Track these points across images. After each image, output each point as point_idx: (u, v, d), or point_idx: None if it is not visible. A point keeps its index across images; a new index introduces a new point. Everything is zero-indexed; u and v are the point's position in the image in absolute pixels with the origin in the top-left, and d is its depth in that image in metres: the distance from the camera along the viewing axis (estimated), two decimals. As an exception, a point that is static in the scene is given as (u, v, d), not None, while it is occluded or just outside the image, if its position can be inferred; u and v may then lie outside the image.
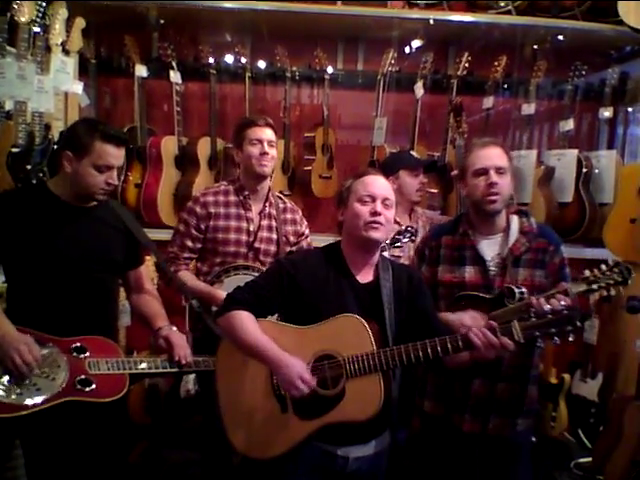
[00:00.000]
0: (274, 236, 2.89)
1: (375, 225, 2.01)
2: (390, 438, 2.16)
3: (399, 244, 2.86)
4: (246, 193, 2.88)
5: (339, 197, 2.16)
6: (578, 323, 1.86)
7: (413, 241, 2.95)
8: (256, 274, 2.70)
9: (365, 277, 2.11)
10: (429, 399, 2.49)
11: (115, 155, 2.26)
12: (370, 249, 2.09)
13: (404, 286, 2.13)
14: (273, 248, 2.88)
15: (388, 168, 3.36)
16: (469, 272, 2.36)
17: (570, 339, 1.86)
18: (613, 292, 1.98)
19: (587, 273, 1.97)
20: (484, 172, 2.31)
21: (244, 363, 2.06)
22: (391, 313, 2.05)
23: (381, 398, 1.92)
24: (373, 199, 2.04)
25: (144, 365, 2.36)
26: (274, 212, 2.93)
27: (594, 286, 1.95)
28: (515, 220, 2.40)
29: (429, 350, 1.94)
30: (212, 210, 2.82)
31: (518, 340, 1.90)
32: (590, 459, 3.40)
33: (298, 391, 1.91)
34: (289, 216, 2.98)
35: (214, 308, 2.62)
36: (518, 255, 2.32)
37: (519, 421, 2.38)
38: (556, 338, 1.87)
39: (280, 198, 3.04)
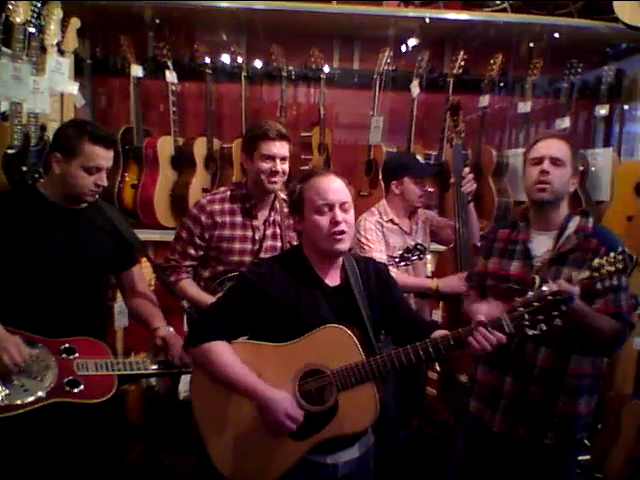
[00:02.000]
0: (278, 244, 2.84)
1: (339, 237, 1.93)
2: (374, 436, 2.12)
3: (408, 262, 2.79)
4: (253, 202, 2.79)
5: (292, 203, 2.05)
6: (563, 307, 1.84)
7: (421, 259, 2.86)
8: None
9: (333, 280, 2.03)
10: (475, 399, 2.47)
11: (104, 156, 2.25)
12: (335, 257, 2.03)
13: (373, 282, 2.07)
14: None
15: (392, 172, 3.32)
16: (515, 266, 2.35)
17: (557, 323, 1.86)
18: (615, 281, 1.96)
19: (596, 261, 1.93)
20: (539, 161, 2.29)
21: (222, 394, 1.94)
22: (367, 313, 1.99)
23: (377, 407, 1.88)
24: (331, 207, 1.93)
25: (133, 366, 2.35)
26: (279, 219, 2.87)
27: (595, 273, 1.91)
28: (576, 220, 2.32)
29: (421, 353, 1.88)
30: (218, 219, 2.74)
31: (509, 332, 1.87)
32: (588, 457, 3.40)
33: (285, 428, 1.84)
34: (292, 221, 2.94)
35: None
36: (564, 252, 2.25)
37: (548, 434, 2.28)
38: (543, 325, 1.84)
39: (285, 201, 2.93)
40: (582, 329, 2.13)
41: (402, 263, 2.78)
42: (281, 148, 2.70)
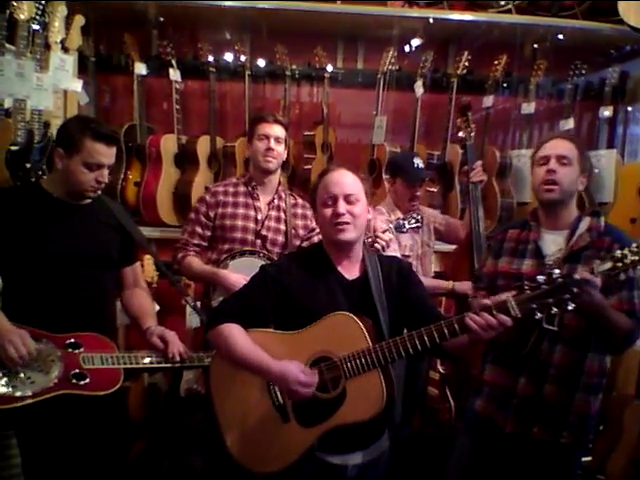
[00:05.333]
0: (282, 227, 2.96)
1: (340, 227, 1.97)
2: (389, 442, 2.12)
3: (404, 229, 2.81)
4: (254, 184, 2.98)
5: (311, 200, 2.14)
6: (575, 289, 1.76)
7: (419, 227, 2.91)
8: (262, 259, 2.79)
9: (352, 273, 2.06)
10: (482, 398, 2.43)
11: (106, 154, 2.25)
12: (346, 248, 2.05)
13: (394, 278, 2.08)
14: (281, 238, 2.94)
15: (389, 170, 3.43)
16: (527, 264, 2.32)
17: (569, 308, 1.77)
18: (632, 274, 1.90)
19: (618, 252, 1.88)
20: (546, 161, 2.28)
21: (237, 377, 2.01)
22: (383, 306, 2.00)
23: (384, 394, 1.86)
24: (334, 200, 1.99)
25: (139, 360, 2.36)
26: (284, 205, 3.00)
27: (619, 264, 1.86)
28: (587, 220, 2.30)
29: (426, 338, 1.86)
30: (221, 198, 2.94)
31: (515, 315, 1.80)
32: (590, 458, 3.40)
33: (301, 395, 1.86)
34: (300, 211, 3.05)
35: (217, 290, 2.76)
36: (577, 250, 2.23)
37: (564, 433, 2.25)
38: (555, 309, 1.77)
39: (292, 195, 3.11)
40: (599, 324, 2.09)
41: (399, 229, 2.81)
42: (275, 129, 2.94)
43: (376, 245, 2.69)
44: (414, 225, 2.80)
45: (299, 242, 2.99)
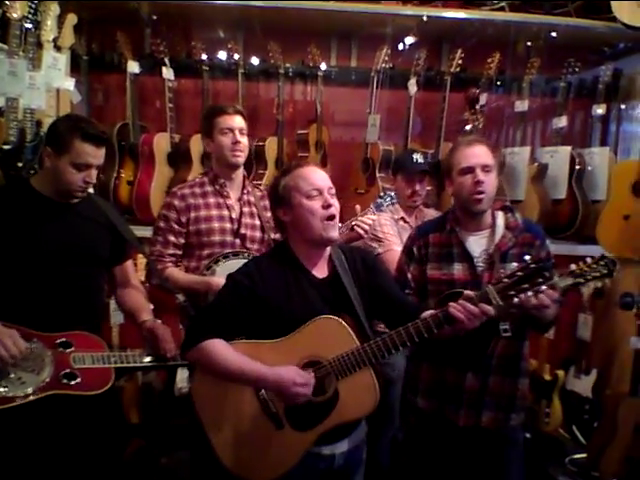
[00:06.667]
0: (257, 222, 2.85)
1: (332, 222, 1.96)
2: (367, 427, 2.15)
3: (383, 208, 2.94)
4: (221, 181, 2.82)
5: (276, 197, 2.05)
6: (547, 273, 1.88)
7: (394, 204, 3.05)
8: (247, 259, 2.62)
9: (321, 272, 2.05)
10: (422, 396, 2.48)
11: (94, 154, 2.23)
12: (326, 246, 2.05)
13: (360, 269, 2.08)
14: (258, 234, 2.84)
15: (391, 169, 3.51)
16: (457, 269, 2.36)
17: (543, 288, 1.89)
18: (599, 284, 1.99)
19: (573, 267, 1.95)
20: (470, 170, 2.31)
21: (223, 393, 1.99)
22: (358, 301, 2.01)
23: (377, 390, 1.90)
24: (320, 192, 1.97)
25: (130, 359, 2.36)
26: (253, 199, 2.89)
27: (580, 279, 1.93)
28: (500, 216, 2.41)
29: (413, 333, 1.90)
30: (191, 201, 2.75)
31: (497, 303, 1.89)
32: (585, 455, 3.42)
33: (302, 397, 1.86)
34: (268, 203, 2.94)
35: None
36: (505, 250, 2.33)
37: (512, 416, 2.39)
38: (530, 293, 1.88)
39: (257, 187, 3.02)
40: (538, 317, 2.19)
41: (379, 208, 2.94)
42: (238, 120, 2.78)
43: (357, 229, 2.67)
44: (389, 202, 2.94)
45: (272, 234, 2.86)
